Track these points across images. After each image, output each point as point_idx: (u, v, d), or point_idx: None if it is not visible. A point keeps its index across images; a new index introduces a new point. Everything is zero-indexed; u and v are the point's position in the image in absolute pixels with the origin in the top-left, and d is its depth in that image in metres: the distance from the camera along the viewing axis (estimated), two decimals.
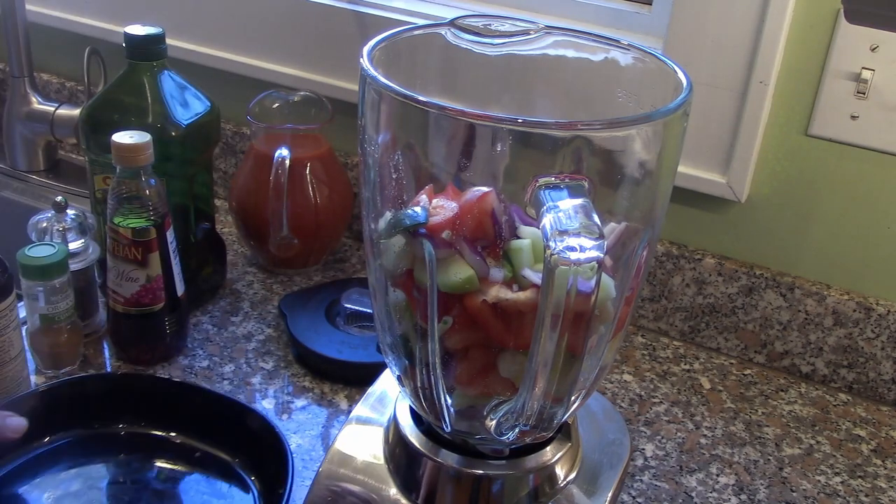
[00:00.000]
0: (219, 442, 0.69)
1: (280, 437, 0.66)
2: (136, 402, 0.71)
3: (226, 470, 0.68)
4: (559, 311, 0.44)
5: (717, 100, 0.80)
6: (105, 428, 0.70)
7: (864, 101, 0.76)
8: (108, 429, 0.70)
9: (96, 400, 0.70)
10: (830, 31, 0.76)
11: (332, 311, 0.84)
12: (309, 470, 0.69)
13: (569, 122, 0.48)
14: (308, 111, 0.92)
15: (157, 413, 0.71)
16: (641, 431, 0.77)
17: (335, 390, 0.78)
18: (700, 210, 0.86)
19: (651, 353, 0.87)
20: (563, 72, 0.61)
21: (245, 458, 0.68)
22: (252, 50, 1.01)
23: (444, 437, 0.58)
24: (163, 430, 0.70)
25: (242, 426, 0.69)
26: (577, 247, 0.43)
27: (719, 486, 0.72)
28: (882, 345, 0.81)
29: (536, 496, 0.58)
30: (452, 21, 0.58)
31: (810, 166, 0.81)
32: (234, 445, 0.69)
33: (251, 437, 0.68)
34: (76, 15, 1.10)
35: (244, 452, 0.68)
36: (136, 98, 0.81)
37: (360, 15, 0.94)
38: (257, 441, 0.67)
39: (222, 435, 0.69)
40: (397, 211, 0.53)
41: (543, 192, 0.46)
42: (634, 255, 0.53)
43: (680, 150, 0.54)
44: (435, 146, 0.52)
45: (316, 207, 0.90)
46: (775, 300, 0.84)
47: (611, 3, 0.90)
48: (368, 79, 0.51)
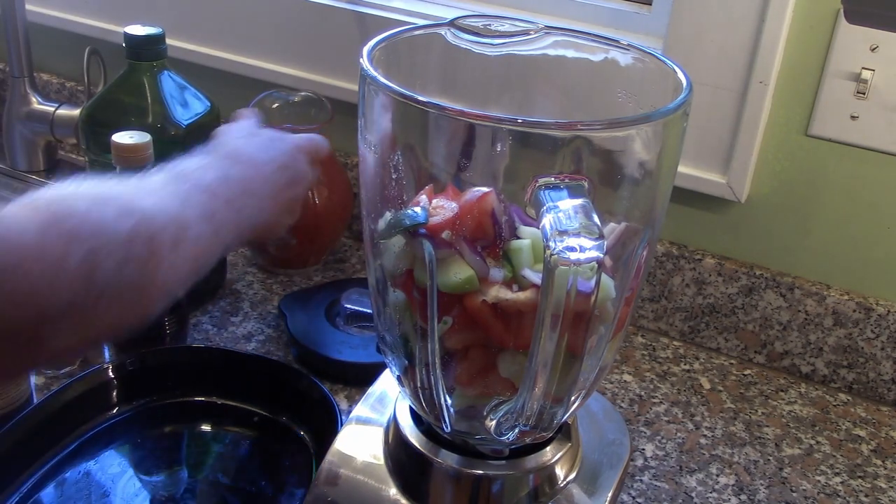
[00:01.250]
0: (272, 405, 0.74)
1: (325, 393, 0.72)
2: (199, 374, 0.75)
3: (282, 429, 0.73)
4: (559, 311, 0.44)
5: (717, 100, 0.80)
6: (171, 398, 0.75)
7: (864, 101, 0.76)
8: (175, 399, 0.75)
9: (159, 373, 0.75)
10: (830, 31, 0.76)
11: (332, 311, 0.84)
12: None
13: (569, 122, 0.48)
14: (308, 112, 0.92)
15: (212, 383, 0.75)
16: (641, 431, 0.77)
17: (335, 390, 0.78)
18: (700, 210, 0.86)
19: (651, 354, 0.87)
20: (563, 72, 0.61)
21: (296, 416, 0.73)
22: (252, 50, 1.01)
23: (444, 438, 0.58)
24: (221, 398, 0.75)
25: (290, 387, 0.74)
26: (577, 247, 0.43)
27: (719, 487, 0.72)
28: (882, 345, 0.81)
29: (536, 496, 0.58)
30: (452, 21, 0.58)
31: (810, 166, 0.81)
32: (286, 406, 0.74)
33: (300, 396, 0.73)
34: (76, 15, 1.10)
35: (295, 411, 0.73)
36: (136, 98, 0.81)
37: (360, 15, 0.94)
38: (305, 399, 0.73)
39: (275, 399, 0.74)
40: (397, 211, 0.53)
41: (543, 192, 0.46)
42: (634, 255, 0.53)
43: (680, 150, 0.54)
44: (435, 146, 0.52)
45: (315, 208, 0.90)
46: (775, 300, 0.84)
47: (611, 3, 0.90)
48: (368, 79, 0.51)
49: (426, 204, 0.53)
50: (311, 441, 0.71)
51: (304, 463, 0.70)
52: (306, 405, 0.73)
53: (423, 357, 0.53)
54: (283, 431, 0.72)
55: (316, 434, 0.71)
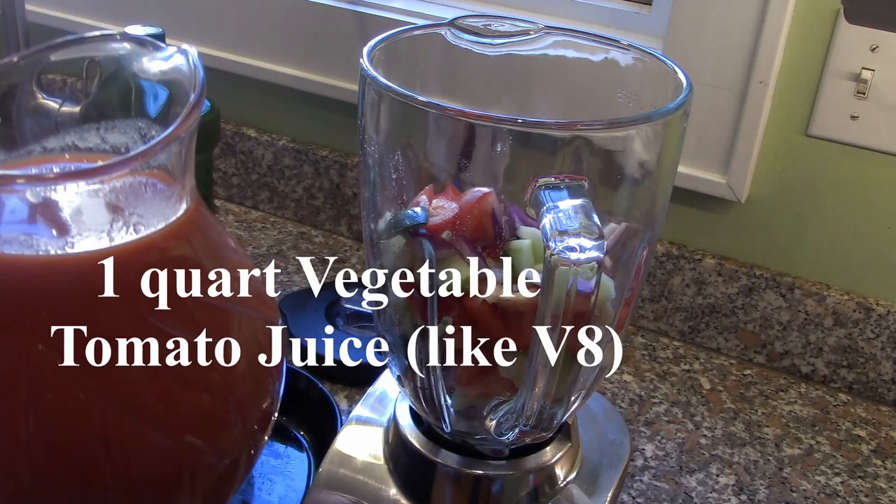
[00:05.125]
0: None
1: (325, 394, 0.71)
2: None
3: (279, 430, 0.72)
4: (559, 312, 0.44)
5: (717, 100, 0.80)
6: None
7: (864, 101, 0.76)
8: None
9: None
10: (830, 31, 0.76)
11: (332, 311, 0.84)
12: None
13: (569, 122, 0.48)
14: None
15: None
16: (641, 431, 0.77)
17: (335, 390, 0.78)
18: (700, 210, 0.86)
19: (651, 354, 0.87)
20: (563, 72, 0.61)
21: (295, 417, 0.72)
22: (252, 50, 1.01)
23: (444, 438, 0.58)
24: None
25: (290, 387, 0.72)
26: (577, 247, 0.43)
27: (719, 487, 0.72)
28: (882, 345, 0.81)
29: (536, 496, 0.58)
30: (452, 21, 0.58)
31: (810, 166, 0.81)
32: (286, 406, 0.73)
33: (299, 396, 0.72)
34: (76, 15, 1.10)
35: (293, 412, 0.73)
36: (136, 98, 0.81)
37: (360, 15, 0.94)
38: (304, 400, 0.72)
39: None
40: (397, 211, 0.53)
41: (543, 192, 0.46)
42: (634, 255, 0.53)
43: (680, 151, 0.54)
44: (435, 146, 0.52)
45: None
46: (775, 300, 0.84)
47: (611, 3, 0.90)
48: (368, 79, 0.51)
49: (426, 204, 0.53)
50: (310, 441, 0.71)
51: (303, 463, 0.70)
52: (306, 405, 0.73)
53: (423, 357, 0.53)
54: (283, 432, 0.72)
55: (315, 434, 0.71)
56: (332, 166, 1.01)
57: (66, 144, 0.52)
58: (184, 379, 0.46)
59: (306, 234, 1.03)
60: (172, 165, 0.47)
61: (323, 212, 1.04)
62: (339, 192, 1.02)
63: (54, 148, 0.52)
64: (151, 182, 0.48)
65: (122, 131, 0.52)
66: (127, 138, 0.52)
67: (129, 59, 0.51)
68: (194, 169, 0.86)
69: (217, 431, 0.49)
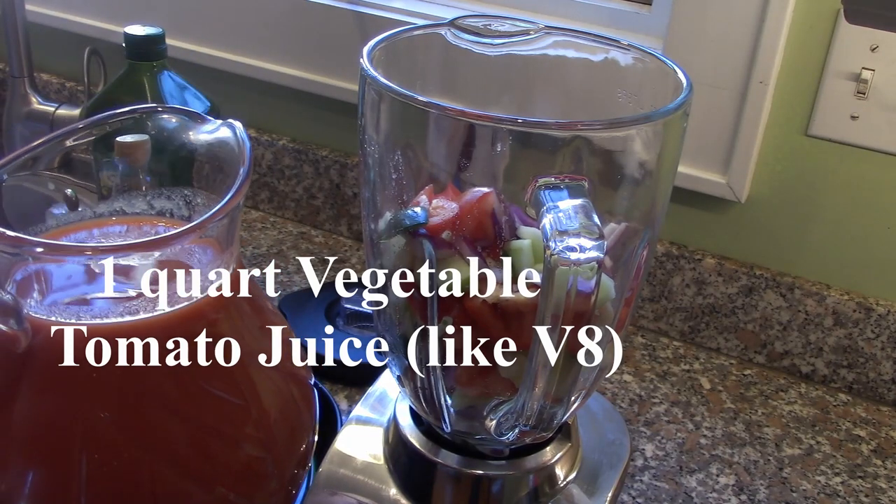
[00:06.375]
0: None
1: (326, 394, 0.72)
2: None
3: None
4: (559, 312, 0.44)
5: (717, 100, 0.80)
6: None
7: (864, 101, 0.76)
8: None
9: None
10: (830, 31, 0.76)
11: (332, 311, 0.84)
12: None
13: (569, 122, 0.48)
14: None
15: None
16: (641, 431, 0.77)
17: (335, 390, 0.78)
18: (700, 210, 0.86)
19: (651, 354, 0.87)
20: (563, 72, 0.61)
21: None
22: (252, 50, 1.01)
23: (444, 438, 0.58)
24: None
25: None
26: (577, 247, 0.43)
27: (719, 487, 0.72)
28: (882, 345, 0.81)
29: (536, 496, 0.58)
30: (452, 21, 0.58)
31: (810, 166, 0.81)
32: None
33: None
34: (76, 15, 1.10)
35: None
36: (135, 98, 0.81)
37: (360, 15, 0.94)
38: None
39: None
40: (397, 211, 0.53)
41: (543, 192, 0.46)
42: (634, 255, 0.53)
43: (680, 150, 0.54)
44: (435, 146, 0.52)
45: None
46: (775, 300, 0.84)
47: (611, 3, 0.90)
48: (368, 79, 0.51)
49: (426, 204, 0.53)
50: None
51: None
52: None
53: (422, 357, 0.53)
54: None
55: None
56: (332, 166, 1.01)
57: (115, 209, 0.55)
58: (223, 435, 0.49)
59: (306, 234, 1.03)
60: (220, 235, 0.50)
61: (323, 212, 1.04)
62: (339, 192, 1.02)
63: (104, 213, 0.55)
64: (201, 248, 0.51)
65: (168, 197, 0.55)
66: (172, 204, 0.55)
67: (179, 131, 0.54)
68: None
69: (255, 485, 0.51)
